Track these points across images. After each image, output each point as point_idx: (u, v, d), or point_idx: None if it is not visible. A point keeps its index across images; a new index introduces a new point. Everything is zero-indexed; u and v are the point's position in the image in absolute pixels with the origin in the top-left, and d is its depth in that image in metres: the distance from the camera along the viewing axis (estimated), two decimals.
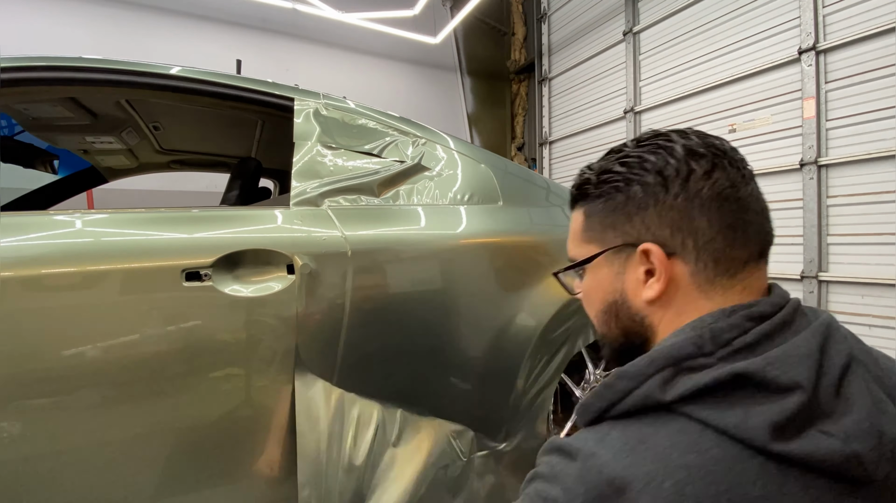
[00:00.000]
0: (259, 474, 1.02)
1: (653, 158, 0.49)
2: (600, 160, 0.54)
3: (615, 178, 0.51)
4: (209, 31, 4.72)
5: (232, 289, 0.96)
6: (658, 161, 0.48)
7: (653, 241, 0.48)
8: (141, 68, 1.11)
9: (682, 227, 0.47)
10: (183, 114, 1.65)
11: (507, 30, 6.56)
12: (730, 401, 0.39)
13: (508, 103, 6.65)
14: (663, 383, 0.41)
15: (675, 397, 0.40)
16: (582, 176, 0.55)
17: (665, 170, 0.48)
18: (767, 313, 0.44)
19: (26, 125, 1.58)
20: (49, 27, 3.98)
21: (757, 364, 0.39)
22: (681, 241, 0.47)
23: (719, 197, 0.46)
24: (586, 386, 1.56)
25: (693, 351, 0.42)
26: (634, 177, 0.49)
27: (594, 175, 0.53)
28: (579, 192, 0.55)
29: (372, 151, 1.28)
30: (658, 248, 0.47)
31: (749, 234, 0.47)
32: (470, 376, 1.26)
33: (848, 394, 0.40)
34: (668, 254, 0.47)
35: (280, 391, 1.01)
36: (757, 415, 0.38)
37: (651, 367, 0.42)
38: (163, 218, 0.98)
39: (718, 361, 0.41)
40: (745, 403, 0.39)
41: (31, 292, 0.82)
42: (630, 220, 0.49)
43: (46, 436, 0.82)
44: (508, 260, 1.32)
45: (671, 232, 0.47)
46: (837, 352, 0.42)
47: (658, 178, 0.48)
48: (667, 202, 0.47)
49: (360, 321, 1.08)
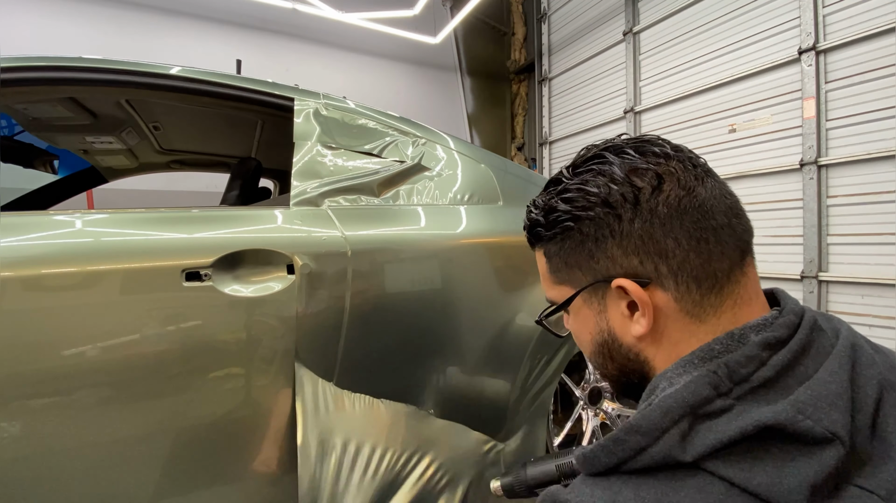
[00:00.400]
0: (259, 474, 1.02)
1: (593, 189, 0.44)
2: (542, 194, 0.50)
3: (562, 217, 0.47)
4: (209, 31, 4.72)
5: (232, 289, 0.96)
6: (600, 190, 0.44)
7: (623, 274, 0.44)
8: (141, 68, 1.11)
9: (650, 252, 0.43)
10: (183, 114, 1.65)
11: (507, 30, 6.56)
12: (756, 455, 0.35)
13: (508, 103, 6.65)
14: (682, 438, 0.36)
15: (696, 456, 0.35)
16: (530, 215, 0.51)
17: (609, 197, 0.44)
18: (783, 338, 0.39)
19: (26, 125, 1.58)
20: (49, 27, 3.98)
21: (787, 414, 0.35)
22: (653, 267, 0.43)
23: (678, 210, 0.42)
24: (586, 386, 1.56)
25: (710, 393, 0.37)
26: (581, 213, 0.45)
27: (541, 215, 0.49)
28: (532, 235, 0.52)
29: (372, 151, 1.28)
30: (630, 282, 0.43)
31: (723, 241, 0.42)
32: (470, 376, 1.26)
33: (884, 433, 0.36)
34: (642, 284, 0.43)
35: (280, 391, 1.01)
36: (792, 477, 0.33)
37: (666, 420, 0.37)
38: (163, 218, 0.98)
39: (737, 401, 0.37)
40: (774, 459, 0.34)
41: (32, 292, 0.82)
42: (593, 258, 0.45)
43: (47, 436, 0.82)
44: (508, 260, 1.32)
45: (640, 260, 0.43)
46: (868, 382, 0.38)
47: (606, 209, 0.44)
48: (624, 231, 0.43)
49: (360, 321, 1.08)
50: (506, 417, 1.34)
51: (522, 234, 0.55)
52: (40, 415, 0.81)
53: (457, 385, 1.25)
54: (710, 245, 0.42)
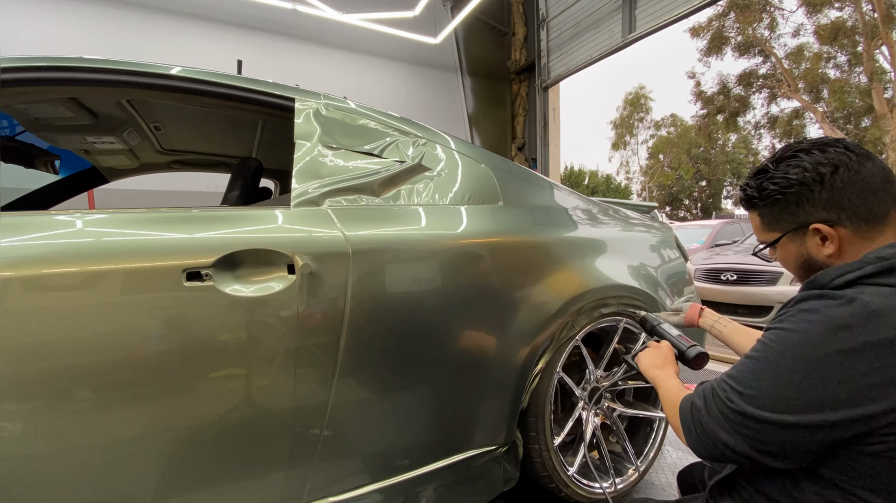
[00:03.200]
0: (259, 474, 1.02)
1: (794, 176, 0.73)
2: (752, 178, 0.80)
3: (773, 192, 0.76)
4: (210, 32, 4.72)
5: (233, 289, 0.96)
6: (798, 176, 0.73)
7: (816, 220, 0.72)
8: (142, 68, 1.11)
9: (834, 208, 0.71)
10: (184, 114, 1.65)
11: (508, 30, 6.56)
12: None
13: (509, 103, 6.65)
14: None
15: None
16: (746, 191, 0.81)
17: (805, 180, 0.72)
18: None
19: (27, 125, 1.58)
20: (50, 27, 3.98)
21: None
22: (836, 216, 0.71)
23: (848, 183, 0.69)
24: (587, 386, 1.56)
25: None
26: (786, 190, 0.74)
27: (755, 192, 0.79)
28: (748, 204, 0.81)
29: (372, 151, 1.28)
30: (823, 225, 0.71)
31: (879, 197, 0.69)
32: (470, 376, 1.26)
33: None
34: (831, 224, 0.71)
35: (280, 391, 1.01)
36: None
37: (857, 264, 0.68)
38: (164, 218, 0.98)
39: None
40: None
41: (32, 292, 0.82)
42: (795, 214, 0.74)
43: (47, 436, 0.82)
44: (509, 260, 1.32)
45: (827, 213, 0.71)
46: None
47: (803, 187, 0.72)
48: (815, 198, 0.72)
49: (361, 321, 1.08)
50: (506, 417, 1.34)
51: (523, 234, 0.58)
52: (41, 415, 0.81)
53: (457, 385, 1.25)
54: (869, 200, 0.69)
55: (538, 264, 1.38)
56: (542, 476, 1.46)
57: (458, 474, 1.29)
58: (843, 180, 0.69)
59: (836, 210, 0.70)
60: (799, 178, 0.72)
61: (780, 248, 0.79)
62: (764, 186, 0.77)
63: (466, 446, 1.30)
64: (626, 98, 32.52)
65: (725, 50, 18.23)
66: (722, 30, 18.05)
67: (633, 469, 1.61)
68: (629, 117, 32.34)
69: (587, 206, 1.69)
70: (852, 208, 0.69)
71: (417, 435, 1.22)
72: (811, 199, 0.72)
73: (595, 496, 1.53)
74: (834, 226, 0.71)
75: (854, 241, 0.70)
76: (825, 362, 0.61)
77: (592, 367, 1.54)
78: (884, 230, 0.69)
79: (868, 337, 0.59)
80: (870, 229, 0.69)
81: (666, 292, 1.71)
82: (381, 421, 1.16)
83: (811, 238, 0.74)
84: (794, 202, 0.73)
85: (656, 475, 1.81)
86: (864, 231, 0.70)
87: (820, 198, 0.71)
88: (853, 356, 0.60)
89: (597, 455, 1.64)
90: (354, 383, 1.09)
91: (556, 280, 1.39)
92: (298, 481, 1.06)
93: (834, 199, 0.70)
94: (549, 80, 5.72)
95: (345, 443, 1.11)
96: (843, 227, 0.70)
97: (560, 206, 1.58)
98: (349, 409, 1.09)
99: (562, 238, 1.47)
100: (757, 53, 18.15)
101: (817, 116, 17.57)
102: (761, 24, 17.57)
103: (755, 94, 19.33)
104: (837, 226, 0.71)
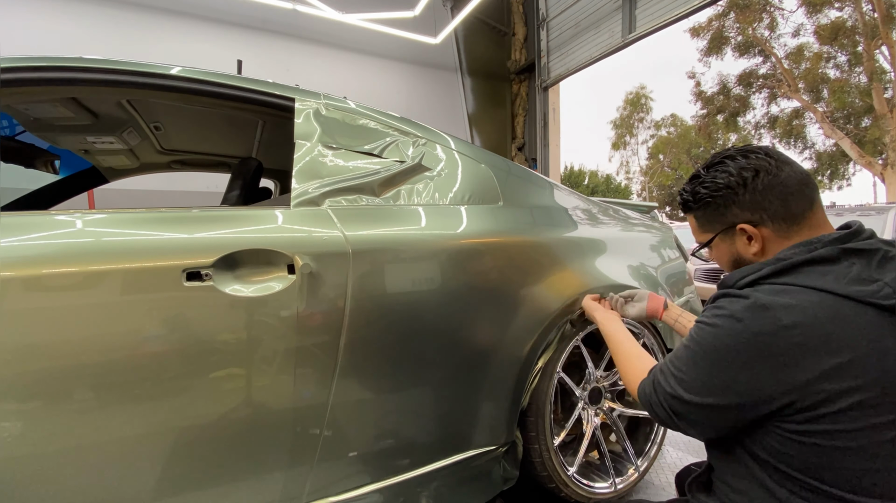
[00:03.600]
0: (259, 474, 1.02)
1: (721, 181, 0.80)
2: (688, 183, 0.87)
3: (704, 196, 0.83)
4: (210, 32, 4.72)
5: (233, 288, 0.96)
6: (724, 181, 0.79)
7: (742, 221, 0.78)
8: (142, 68, 1.11)
9: (756, 209, 0.77)
10: (184, 114, 1.65)
11: (508, 30, 6.56)
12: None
13: (509, 103, 6.65)
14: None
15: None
16: (682, 196, 0.89)
17: (730, 184, 0.79)
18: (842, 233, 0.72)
19: (27, 125, 1.58)
20: (50, 27, 3.98)
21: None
22: (759, 216, 0.77)
23: (769, 186, 0.76)
24: (587, 385, 1.56)
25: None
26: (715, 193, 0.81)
27: (690, 196, 0.86)
28: (685, 207, 0.89)
29: (372, 151, 1.28)
30: (747, 225, 0.78)
31: (797, 198, 0.75)
32: (470, 376, 1.26)
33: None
34: (754, 225, 0.77)
35: (280, 391, 1.01)
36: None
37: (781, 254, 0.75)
38: (164, 218, 0.98)
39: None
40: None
41: (32, 292, 0.82)
42: (724, 215, 0.81)
43: (47, 436, 0.82)
44: (509, 260, 1.32)
45: (751, 213, 0.78)
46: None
47: (729, 191, 0.79)
48: (739, 200, 0.78)
49: (361, 321, 1.08)
50: (506, 417, 1.34)
51: (523, 234, 0.60)
52: (41, 415, 0.82)
53: (457, 385, 1.25)
54: (788, 201, 0.75)
55: (538, 264, 1.38)
56: (542, 476, 1.46)
57: (457, 474, 1.29)
58: (763, 183, 0.76)
59: (759, 211, 0.76)
60: (725, 182, 0.79)
61: (714, 247, 0.86)
62: (696, 191, 0.84)
63: (466, 446, 1.30)
64: (626, 98, 32.57)
65: (725, 50, 18.25)
66: (722, 30, 18.07)
67: (633, 469, 1.61)
68: (629, 117, 32.36)
69: (587, 206, 1.69)
70: (773, 209, 0.76)
71: (417, 435, 1.22)
72: (736, 201, 0.78)
73: (595, 496, 1.53)
74: (757, 226, 0.77)
75: (775, 239, 0.76)
76: (725, 351, 0.70)
77: (592, 367, 1.54)
78: (800, 230, 0.75)
79: (757, 328, 0.67)
80: (788, 229, 0.75)
81: (666, 292, 1.71)
82: (381, 421, 1.16)
83: (739, 237, 0.80)
84: (723, 204, 0.80)
85: (656, 475, 1.81)
86: (783, 230, 0.76)
87: (744, 200, 0.78)
88: (746, 345, 0.67)
89: (597, 455, 1.64)
90: (354, 383, 1.09)
91: (555, 280, 1.39)
92: (298, 481, 1.06)
93: (756, 200, 0.76)
94: (548, 80, 5.73)
95: (345, 443, 1.11)
96: (765, 227, 0.77)
97: (560, 205, 1.58)
98: (349, 409, 1.09)
99: (562, 238, 1.47)
100: (757, 53, 18.17)
101: (817, 116, 17.59)
102: (761, 24, 17.60)
103: (755, 94, 19.34)
104: (760, 225, 0.77)
